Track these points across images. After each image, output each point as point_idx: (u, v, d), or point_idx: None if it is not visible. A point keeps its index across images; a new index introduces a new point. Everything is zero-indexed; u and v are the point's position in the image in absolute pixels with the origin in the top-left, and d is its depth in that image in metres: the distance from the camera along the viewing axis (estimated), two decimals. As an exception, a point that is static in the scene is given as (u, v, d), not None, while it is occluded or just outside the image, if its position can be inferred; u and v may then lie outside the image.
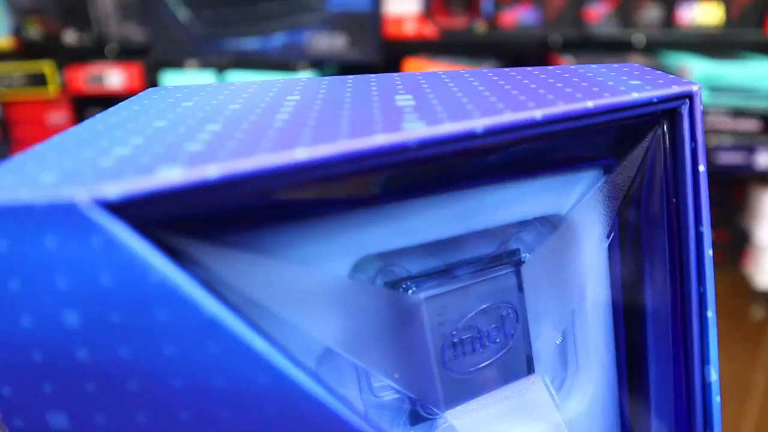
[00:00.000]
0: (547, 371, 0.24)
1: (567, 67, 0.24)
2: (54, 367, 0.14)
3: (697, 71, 1.13)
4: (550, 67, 0.24)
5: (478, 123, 0.16)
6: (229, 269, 0.16)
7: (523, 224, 0.23)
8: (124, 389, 0.14)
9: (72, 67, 1.25)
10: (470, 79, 0.22)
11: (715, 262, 0.20)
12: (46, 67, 1.23)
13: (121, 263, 0.13)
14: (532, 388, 0.23)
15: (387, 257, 0.20)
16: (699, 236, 0.20)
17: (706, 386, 0.21)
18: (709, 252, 0.20)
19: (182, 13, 1.21)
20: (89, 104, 1.28)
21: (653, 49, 1.29)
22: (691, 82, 0.20)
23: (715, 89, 1.15)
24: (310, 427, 0.15)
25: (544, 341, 0.23)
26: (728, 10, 1.23)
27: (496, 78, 0.22)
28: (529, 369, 0.23)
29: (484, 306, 0.22)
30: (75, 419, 0.14)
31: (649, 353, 0.23)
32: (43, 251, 0.13)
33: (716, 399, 0.21)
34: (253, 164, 0.13)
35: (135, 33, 1.30)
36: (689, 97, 0.20)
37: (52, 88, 1.25)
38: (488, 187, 0.21)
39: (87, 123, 0.19)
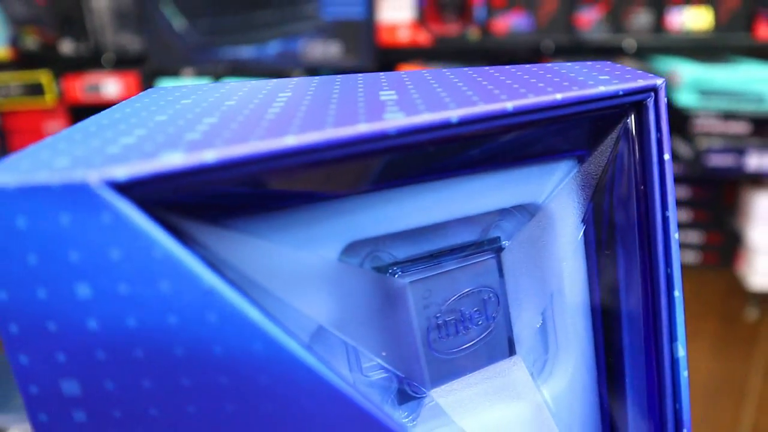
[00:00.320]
0: (528, 353, 0.25)
1: (543, 65, 0.25)
2: (67, 336, 0.15)
3: (687, 75, 1.15)
4: (528, 65, 0.25)
5: (454, 113, 0.17)
6: (227, 249, 0.17)
7: (503, 213, 0.24)
8: (131, 357, 0.15)
9: (69, 77, 1.26)
10: (451, 76, 0.23)
11: (708, 264, 0.22)
12: (43, 76, 1.25)
13: (129, 239, 0.14)
14: (514, 369, 0.25)
15: (374, 243, 0.22)
16: (665, 220, 0.22)
17: (674, 362, 0.22)
18: (675, 235, 0.22)
19: (178, 23, 1.23)
20: (86, 113, 1.29)
21: (644, 53, 1.31)
22: (656, 76, 0.21)
23: (705, 93, 1.17)
24: (303, 392, 0.16)
25: (524, 324, 0.25)
26: (717, 15, 1.25)
27: (475, 75, 0.23)
28: (511, 351, 0.25)
29: (466, 290, 0.23)
30: (86, 386, 0.15)
31: (623, 333, 0.24)
32: (59, 228, 0.14)
33: (684, 374, 0.22)
34: (247, 149, 0.15)
35: (131, 42, 1.32)
36: (654, 90, 0.21)
37: (50, 98, 1.26)
38: (470, 177, 0.22)
39: (92, 119, 0.20)
